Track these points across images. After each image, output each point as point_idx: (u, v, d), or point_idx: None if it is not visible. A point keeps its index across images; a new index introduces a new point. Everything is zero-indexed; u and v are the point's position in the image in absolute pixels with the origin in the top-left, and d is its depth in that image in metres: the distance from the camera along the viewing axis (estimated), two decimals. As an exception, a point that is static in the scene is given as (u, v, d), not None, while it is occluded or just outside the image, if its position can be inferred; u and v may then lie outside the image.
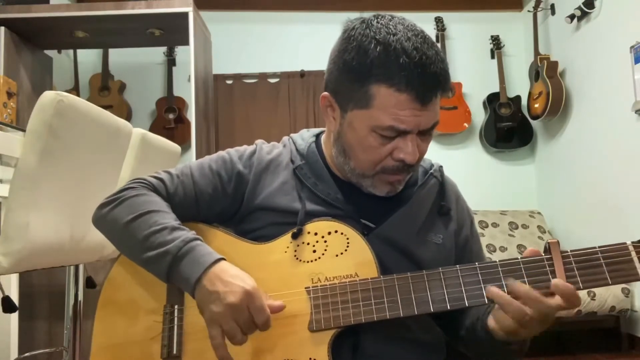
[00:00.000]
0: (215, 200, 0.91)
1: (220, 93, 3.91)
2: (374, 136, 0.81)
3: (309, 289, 0.79)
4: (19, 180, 1.23)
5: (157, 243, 0.78)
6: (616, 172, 2.99)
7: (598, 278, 0.73)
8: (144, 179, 0.90)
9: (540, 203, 3.91)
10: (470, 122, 3.84)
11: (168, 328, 0.81)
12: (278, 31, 4.01)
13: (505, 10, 4.10)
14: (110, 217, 0.86)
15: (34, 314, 2.39)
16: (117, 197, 0.87)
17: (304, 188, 0.90)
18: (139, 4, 3.02)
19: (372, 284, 0.77)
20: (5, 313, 1.36)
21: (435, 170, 0.97)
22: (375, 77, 0.78)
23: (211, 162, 0.93)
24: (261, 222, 0.89)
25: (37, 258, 1.30)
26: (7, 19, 2.91)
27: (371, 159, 0.84)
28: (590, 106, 3.26)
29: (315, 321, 0.77)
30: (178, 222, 0.83)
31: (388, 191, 0.87)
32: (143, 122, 3.85)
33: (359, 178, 0.88)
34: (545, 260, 0.74)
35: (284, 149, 0.96)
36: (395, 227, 0.88)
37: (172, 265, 0.76)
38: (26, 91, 3.02)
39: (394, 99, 0.77)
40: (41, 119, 1.22)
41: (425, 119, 0.80)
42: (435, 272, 0.77)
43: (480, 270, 0.75)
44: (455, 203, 0.98)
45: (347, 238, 0.81)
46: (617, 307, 2.73)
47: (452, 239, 0.94)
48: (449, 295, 0.75)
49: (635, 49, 2.78)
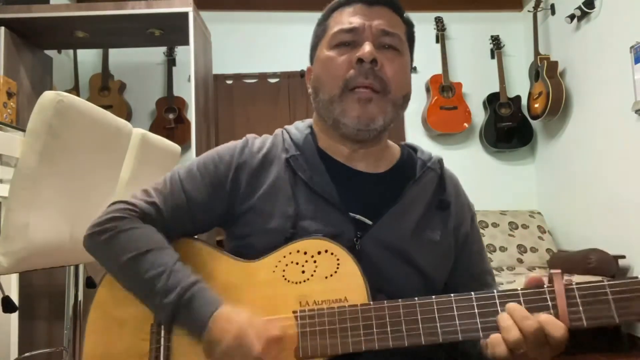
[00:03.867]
0: (211, 208, 0.89)
1: (220, 93, 3.91)
2: (332, 51, 0.86)
3: (297, 314, 0.76)
4: (19, 180, 1.23)
5: (157, 291, 0.77)
6: (616, 172, 2.99)
7: (604, 315, 0.66)
8: (134, 204, 0.86)
9: (540, 203, 3.91)
10: (470, 122, 3.84)
11: (155, 349, 0.80)
12: (278, 31, 4.01)
13: (505, 10, 4.10)
14: (106, 251, 0.83)
15: (34, 314, 2.39)
16: (110, 228, 0.83)
17: (299, 181, 0.86)
18: (139, 4, 3.02)
19: (361, 311, 0.73)
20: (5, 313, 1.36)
21: (434, 162, 0.94)
22: (330, 12, 0.90)
23: (200, 167, 0.90)
24: (252, 228, 0.86)
25: (37, 258, 1.30)
26: (7, 19, 2.91)
27: (334, 73, 0.84)
28: (590, 106, 3.26)
29: (302, 348, 0.74)
30: (177, 258, 0.81)
31: (359, 115, 0.83)
32: (143, 122, 3.85)
33: (331, 108, 0.85)
34: (547, 293, 0.68)
35: (275, 139, 0.93)
36: (389, 227, 0.85)
37: (173, 317, 0.77)
38: (26, 91, 3.02)
39: (342, 14, 0.88)
40: (41, 119, 1.22)
41: (372, 20, 0.85)
42: (429, 301, 0.71)
43: (477, 301, 0.70)
44: (455, 197, 0.94)
45: (338, 259, 0.77)
46: (617, 307, 2.72)
47: (452, 235, 0.90)
48: (442, 329, 0.70)
49: (635, 49, 2.78)
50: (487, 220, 3.58)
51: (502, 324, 0.67)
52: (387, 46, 0.86)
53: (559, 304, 0.67)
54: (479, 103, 3.92)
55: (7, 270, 1.23)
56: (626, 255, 2.86)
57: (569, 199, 3.52)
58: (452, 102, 3.85)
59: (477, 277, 0.93)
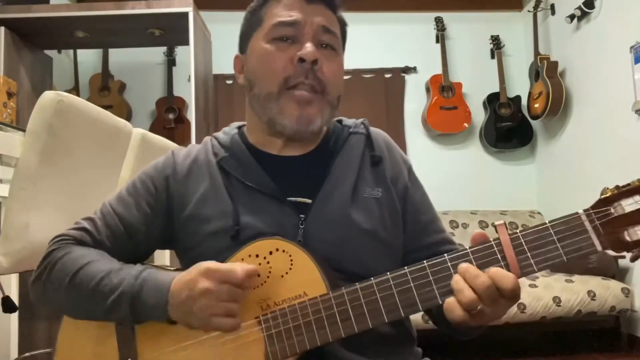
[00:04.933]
0: (149, 227, 0.86)
1: (220, 93, 3.91)
2: (271, 45, 0.84)
3: (259, 318, 0.75)
4: (19, 180, 1.23)
5: (109, 289, 0.75)
6: (616, 172, 2.99)
7: (552, 256, 0.66)
8: (65, 234, 0.84)
9: (540, 203, 3.91)
10: (470, 122, 3.84)
11: None
12: (278, 31, 4.00)
13: (505, 10, 4.10)
14: (49, 288, 0.80)
15: (34, 314, 2.39)
16: (45, 265, 0.81)
17: (233, 180, 0.85)
18: (139, 4, 3.02)
19: (322, 302, 0.73)
20: (5, 313, 1.36)
21: (357, 125, 0.93)
22: (265, 1, 0.87)
23: (129, 190, 0.88)
24: (196, 236, 0.84)
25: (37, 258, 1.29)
26: (7, 19, 2.91)
27: (272, 68, 0.83)
28: (590, 106, 3.26)
29: (271, 353, 0.73)
30: (119, 263, 0.80)
31: (298, 116, 0.82)
32: (143, 122, 3.85)
33: (267, 106, 0.84)
34: (494, 247, 0.68)
35: (204, 147, 0.92)
36: (327, 199, 0.84)
37: (133, 302, 0.74)
38: (26, 91, 3.02)
39: (279, 5, 0.85)
40: (41, 119, 1.22)
41: (312, 16, 0.83)
42: (384, 278, 0.71)
43: (430, 268, 0.70)
44: (388, 152, 0.92)
45: (290, 255, 0.76)
46: (617, 307, 2.73)
47: (392, 189, 0.88)
48: (402, 303, 0.70)
49: (635, 49, 2.78)
50: (487, 220, 3.58)
51: (456, 287, 0.67)
52: (325, 45, 0.85)
53: (507, 254, 0.67)
54: (479, 103, 3.92)
55: (7, 270, 1.23)
56: (626, 255, 2.86)
57: (569, 199, 3.52)
58: (452, 102, 3.85)
59: (425, 225, 0.91)
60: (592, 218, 0.67)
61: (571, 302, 2.70)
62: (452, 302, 0.67)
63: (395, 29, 4.02)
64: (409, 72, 4.00)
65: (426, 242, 0.90)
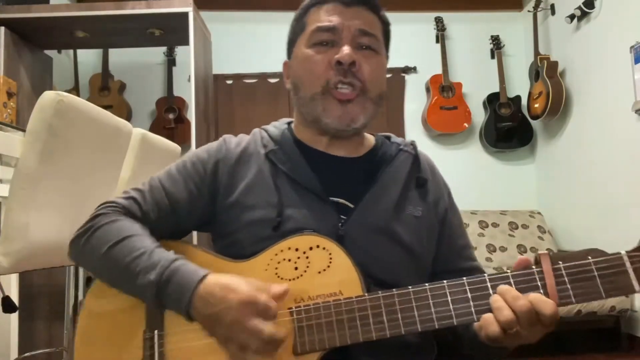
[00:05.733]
0: (193, 206, 0.89)
1: (220, 93, 3.91)
2: (311, 49, 0.88)
3: (292, 310, 0.76)
4: (19, 180, 1.23)
5: (139, 270, 0.76)
6: (616, 172, 2.99)
7: (591, 292, 0.69)
8: (114, 202, 0.87)
9: (540, 203, 3.91)
10: (470, 122, 3.84)
11: (149, 355, 0.78)
12: (278, 31, 3.97)
13: (505, 10, 4.10)
14: (87, 250, 0.83)
15: (34, 314, 2.39)
16: (89, 227, 0.84)
17: (279, 173, 0.88)
18: (139, 4, 3.02)
19: (357, 303, 0.74)
20: (5, 313, 1.36)
21: (407, 144, 0.97)
22: (307, 8, 0.92)
23: (179, 168, 0.91)
24: (237, 223, 0.86)
25: (37, 258, 1.30)
26: (7, 19, 2.91)
27: (313, 72, 0.86)
28: (590, 106, 3.26)
29: (299, 344, 0.74)
30: (157, 244, 0.80)
31: (340, 115, 0.86)
32: (143, 122, 3.85)
33: (311, 106, 0.87)
34: (535, 274, 0.71)
35: (253, 137, 0.95)
36: (370, 206, 0.86)
37: (158, 293, 0.75)
38: (26, 91, 3.02)
39: (320, 11, 0.89)
40: (41, 119, 1.22)
41: (350, 20, 0.86)
42: (422, 288, 0.73)
43: (469, 285, 0.72)
44: (432, 175, 0.96)
45: (330, 253, 0.78)
46: (617, 307, 2.73)
47: (433, 210, 0.92)
48: (437, 315, 0.72)
49: (635, 49, 2.78)
50: (487, 220, 3.58)
51: (495, 305, 0.69)
52: (364, 47, 0.88)
53: (548, 283, 0.70)
54: (479, 103, 3.92)
55: (7, 270, 1.23)
56: None
57: (569, 199, 3.52)
58: (452, 102, 3.85)
59: (459, 250, 0.95)
60: (633, 259, 0.70)
61: (571, 302, 2.69)
62: (490, 318, 0.69)
63: (395, 28, 3.96)
64: (409, 72, 4.00)
65: (458, 267, 0.93)
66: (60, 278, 2.18)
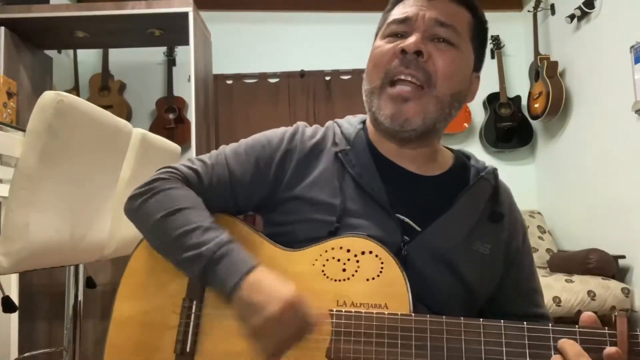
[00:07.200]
0: (254, 189, 0.86)
1: (220, 93, 3.91)
2: (383, 41, 0.84)
3: (333, 312, 0.72)
4: (19, 180, 1.23)
5: (190, 244, 0.75)
6: (616, 172, 2.99)
7: None
8: (176, 168, 0.85)
9: (540, 203, 3.91)
10: (470, 122, 3.84)
11: (185, 323, 0.78)
12: (278, 31, 4.01)
13: (505, 10, 4.10)
14: (142, 211, 0.82)
15: (34, 314, 2.39)
16: (149, 189, 0.82)
17: (347, 176, 0.83)
18: (139, 4, 3.02)
19: (401, 321, 0.69)
20: (5, 313, 1.36)
21: (488, 172, 0.89)
22: (395, 3, 0.87)
23: (247, 148, 0.87)
24: (296, 215, 0.82)
25: (37, 258, 1.30)
26: (7, 19, 2.91)
27: (377, 62, 0.82)
28: (590, 106, 3.26)
29: (334, 349, 0.71)
30: (212, 220, 0.79)
31: (392, 113, 0.79)
32: (143, 122, 3.85)
33: (370, 100, 0.83)
34: (607, 336, 0.64)
35: (327, 132, 0.90)
36: (439, 234, 0.80)
37: (206, 269, 0.73)
38: (26, 91, 3.02)
39: (404, 5, 0.84)
40: (41, 119, 1.22)
41: (428, 10, 0.81)
42: (476, 322, 0.67)
43: (528, 332, 0.65)
44: (509, 211, 0.89)
45: (382, 262, 0.73)
46: (617, 307, 2.73)
47: (502, 249, 0.86)
48: (486, 355, 0.66)
49: (635, 49, 2.78)
50: (487, 220, 3.58)
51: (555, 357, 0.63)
52: (441, 39, 0.81)
53: (620, 348, 0.63)
54: (479, 103, 3.92)
55: (7, 270, 1.23)
56: (626, 255, 2.86)
57: (569, 199, 3.52)
58: (452, 102, 3.84)
59: (525, 294, 0.89)
60: None
61: (571, 302, 2.69)
62: None
63: (395, 29, 4.01)
64: (409, 72, 4.00)
65: (522, 311, 0.87)
66: (60, 278, 2.18)
